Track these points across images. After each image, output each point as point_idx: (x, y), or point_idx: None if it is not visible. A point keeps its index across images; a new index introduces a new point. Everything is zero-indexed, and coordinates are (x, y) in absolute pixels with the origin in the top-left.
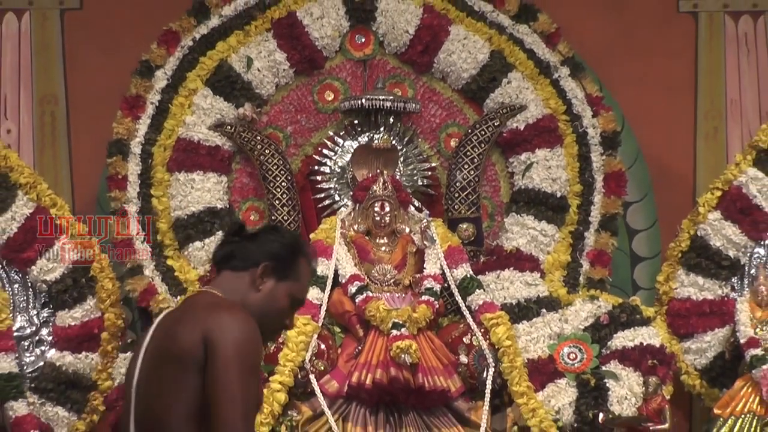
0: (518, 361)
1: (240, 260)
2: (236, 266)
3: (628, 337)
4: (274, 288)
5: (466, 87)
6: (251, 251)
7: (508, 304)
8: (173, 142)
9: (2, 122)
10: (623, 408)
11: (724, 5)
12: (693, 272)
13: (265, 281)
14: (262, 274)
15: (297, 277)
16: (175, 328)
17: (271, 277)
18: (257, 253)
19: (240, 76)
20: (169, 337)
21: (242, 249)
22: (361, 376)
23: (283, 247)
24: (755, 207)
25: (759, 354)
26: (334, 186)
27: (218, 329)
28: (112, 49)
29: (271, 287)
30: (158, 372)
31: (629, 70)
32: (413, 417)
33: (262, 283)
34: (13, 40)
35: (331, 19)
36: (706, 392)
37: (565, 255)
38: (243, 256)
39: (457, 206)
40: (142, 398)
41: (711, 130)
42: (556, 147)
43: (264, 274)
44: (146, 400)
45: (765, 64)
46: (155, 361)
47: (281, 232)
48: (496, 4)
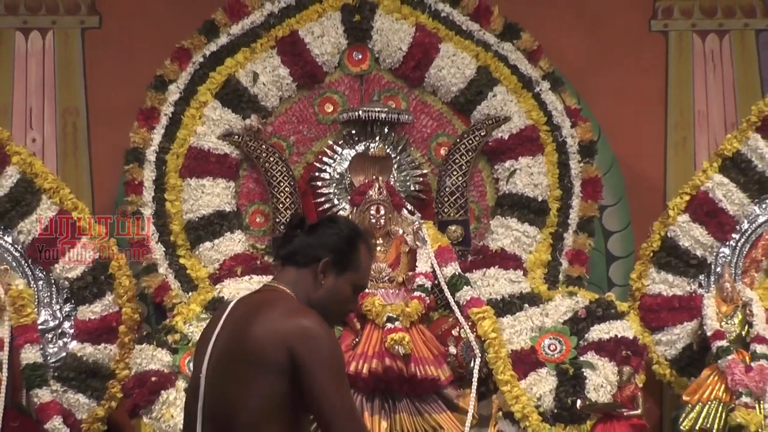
0: (503, 352)
1: (301, 256)
2: (298, 262)
3: (603, 330)
4: (336, 281)
5: (455, 100)
6: (311, 246)
7: (493, 299)
8: (185, 151)
9: (28, 132)
10: (599, 395)
11: (692, 25)
12: (664, 270)
13: (326, 276)
14: (322, 270)
15: (357, 267)
16: (249, 329)
17: (331, 271)
18: (317, 248)
19: (247, 90)
20: (244, 335)
21: (303, 244)
22: (358, 366)
23: (340, 240)
24: (721, 210)
25: (724, 345)
26: (333, 191)
27: (302, 341)
28: (128, 65)
29: (333, 281)
30: (231, 368)
31: (605, 84)
32: (406, 403)
33: (323, 278)
34: (38, 57)
35: (330, 37)
36: (676, 381)
37: (546, 254)
38: (304, 252)
39: (446, 210)
40: (213, 391)
41: (680, 140)
42: (538, 155)
43: (324, 270)
44: (217, 394)
45: (730, 78)
46: (228, 357)
47: (338, 224)
48: (482, 24)
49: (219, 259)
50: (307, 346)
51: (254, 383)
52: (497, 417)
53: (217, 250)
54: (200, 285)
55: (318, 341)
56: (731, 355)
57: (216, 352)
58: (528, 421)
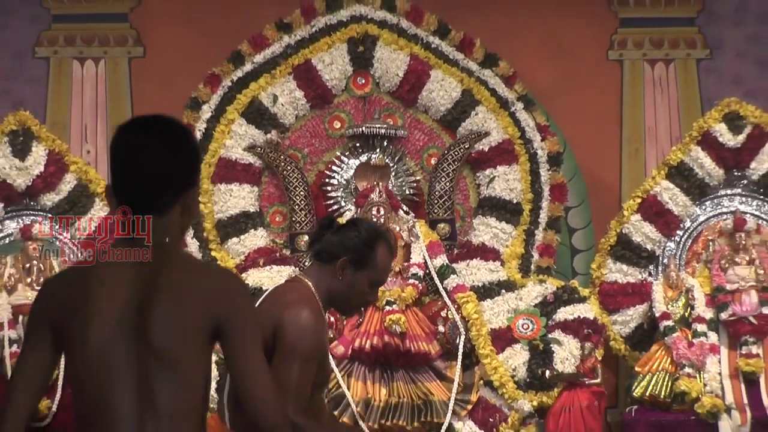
0: (483, 330)
1: (325, 254)
2: (323, 259)
3: (568, 311)
4: (353, 277)
5: (443, 117)
6: (334, 246)
7: (475, 286)
8: (216, 160)
9: (83, 145)
10: (565, 366)
11: (643, 54)
12: (619, 261)
13: (345, 273)
14: (341, 268)
15: (374, 265)
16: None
17: (349, 269)
18: (338, 248)
19: (268, 110)
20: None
21: (327, 244)
22: (361, 342)
23: (360, 242)
24: (667, 211)
25: (670, 325)
26: (340, 194)
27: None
28: (167, 88)
29: (351, 277)
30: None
31: (569, 104)
32: (402, 374)
33: (342, 275)
34: (92, 81)
35: (338, 65)
36: (629, 354)
37: (520, 248)
38: (327, 251)
39: (436, 210)
40: None
41: (633, 151)
42: (513, 164)
43: (343, 267)
44: None
45: (675, 100)
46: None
47: (359, 228)
48: (466, 54)
49: (244, 252)
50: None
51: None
52: (479, 385)
53: (243, 244)
54: None
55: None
56: (676, 333)
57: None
58: (505, 389)
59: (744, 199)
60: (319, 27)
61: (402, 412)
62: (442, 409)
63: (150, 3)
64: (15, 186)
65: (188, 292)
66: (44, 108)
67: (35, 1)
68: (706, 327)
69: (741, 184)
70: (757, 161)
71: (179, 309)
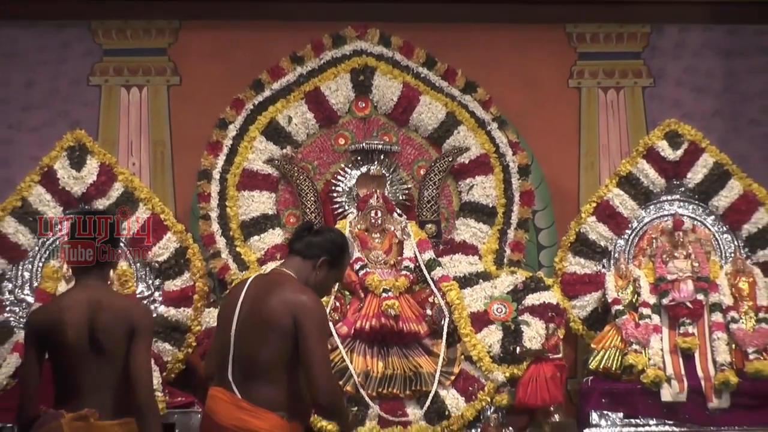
0: (464, 314)
1: (307, 250)
2: (304, 255)
3: (535, 298)
4: (327, 273)
5: (431, 135)
6: (315, 246)
7: (457, 276)
8: (240, 171)
9: (129, 158)
10: (532, 344)
11: (598, 83)
12: (578, 256)
13: (322, 270)
14: (320, 266)
15: (341, 266)
16: (265, 299)
17: (325, 267)
18: (319, 248)
19: (284, 129)
20: (262, 304)
21: (309, 243)
22: (362, 323)
23: (335, 247)
24: (618, 214)
25: (620, 309)
26: (344, 200)
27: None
28: (200, 111)
29: (325, 273)
30: (253, 329)
31: (536, 125)
32: (396, 350)
33: (320, 271)
34: (136, 105)
35: (342, 91)
36: (586, 333)
37: (495, 245)
38: (309, 249)
39: (424, 213)
40: (240, 344)
41: (589, 164)
42: (489, 174)
43: (322, 265)
44: (243, 346)
45: (624, 121)
46: (250, 319)
47: (335, 234)
48: (449, 82)
49: (264, 248)
50: (305, 315)
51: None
52: (460, 359)
53: (263, 241)
54: (251, 266)
55: (313, 313)
56: (625, 315)
57: (241, 317)
58: (482, 362)
59: (682, 203)
60: (326, 59)
61: (396, 382)
62: (429, 379)
63: (185, 40)
64: (72, 193)
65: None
66: (97, 127)
67: (89, 38)
68: (650, 310)
69: (679, 191)
70: (692, 172)
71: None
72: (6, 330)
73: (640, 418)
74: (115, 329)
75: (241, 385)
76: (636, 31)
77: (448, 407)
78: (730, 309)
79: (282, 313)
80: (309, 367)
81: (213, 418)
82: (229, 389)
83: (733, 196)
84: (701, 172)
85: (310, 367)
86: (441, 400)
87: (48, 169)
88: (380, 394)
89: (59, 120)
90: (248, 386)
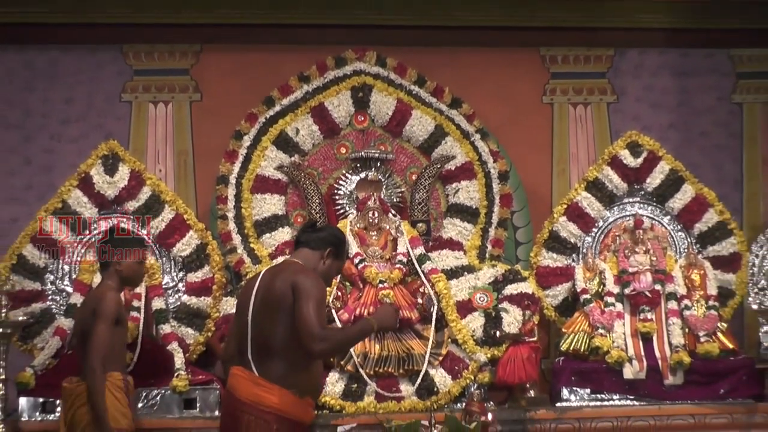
0: (451, 302)
1: (314, 243)
2: (312, 247)
3: (513, 288)
4: (332, 264)
5: (421, 145)
6: (321, 240)
7: (445, 269)
8: (254, 177)
9: (156, 165)
10: (511, 328)
11: (568, 99)
12: (551, 251)
13: (329, 259)
14: (327, 255)
15: (343, 257)
16: (274, 282)
17: (331, 257)
18: (324, 241)
19: (292, 139)
20: (271, 287)
21: (315, 237)
22: (361, 310)
23: (338, 240)
24: (586, 214)
25: (588, 297)
26: (345, 202)
27: (298, 282)
28: (219, 123)
29: (330, 263)
30: (265, 309)
31: (514, 136)
32: (391, 334)
33: (326, 260)
34: (163, 119)
35: (344, 106)
36: (558, 319)
37: (478, 241)
38: (316, 242)
39: (416, 213)
40: (256, 324)
41: (560, 171)
42: (473, 179)
43: (329, 255)
44: (258, 326)
45: (591, 132)
46: (263, 301)
47: (335, 230)
48: (438, 98)
49: (274, 245)
50: (299, 284)
51: (279, 319)
52: (447, 342)
53: (273, 238)
54: (263, 260)
55: (305, 281)
56: (592, 303)
57: (256, 303)
58: (466, 345)
59: (642, 205)
60: (329, 78)
61: (391, 362)
62: (420, 359)
63: (205, 61)
64: (106, 195)
65: None
66: (128, 138)
67: (121, 60)
68: (614, 299)
69: (639, 195)
70: (651, 177)
71: None
72: (48, 316)
73: (605, 394)
74: (85, 314)
75: (259, 363)
76: (601, 54)
77: (437, 384)
78: (683, 298)
79: (284, 290)
80: (299, 321)
81: (234, 394)
82: (248, 368)
83: (687, 198)
84: (658, 177)
85: (300, 321)
86: (430, 378)
87: (85, 175)
88: (377, 373)
89: (95, 132)
90: (265, 365)
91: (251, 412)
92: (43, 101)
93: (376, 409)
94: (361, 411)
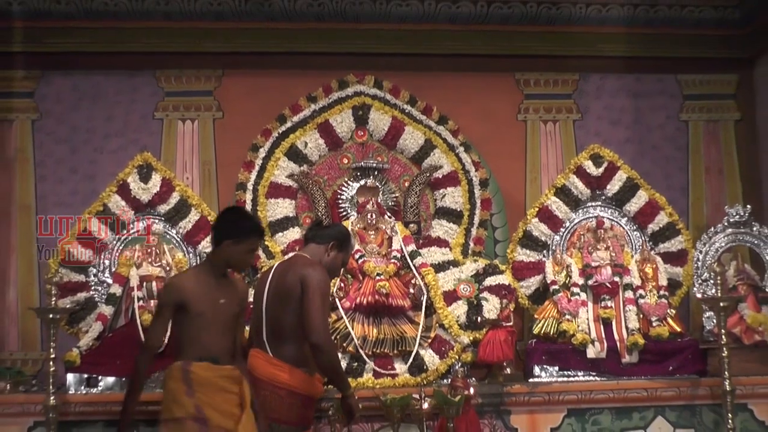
0: (438, 292)
1: (320, 239)
2: (319, 241)
3: (492, 280)
4: (336, 256)
5: (413, 156)
6: (327, 235)
7: (433, 263)
8: (268, 184)
9: (184, 173)
10: (490, 315)
11: (540, 117)
12: (525, 248)
13: (332, 251)
14: (331, 248)
15: (347, 251)
16: (285, 275)
17: (335, 250)
18: (330, 236)
19: (301, 151)
20: (283, 279)
21: (320, 233)
22: (360, 300)
23: (341, 234)
24: (555, 216)
25: (556, 288)
26: (347, 205)
27: (306, 276)
28: (238, 138)
29: (335, 255)
30: (277, 299)
31: (493, 149)
32: (387, 319)
33: (331, 252)
34: (189, 134)
35: (346, 123)
36: (530, 307)
37: (462, 240)
38: (322, 237)
39: (408, 215)
40: (270, 311)
41: (533, 179)
42: (457, 186)
43: (332, 248)
44: (272, 313)
45: (559, 146)
46: (276, 292)
47: (340, 226)
48: (427, 116)
49: (286, 242)
50: (307, 278)
51: (290, 306)
52: (436, 326)
53: (285, 237)
54: (276, 255)
55: (313, 276)
56: (560, 293)
57: (270, 292)
58: (452, 329)
59: (603, 208)
60: (333, 99)
61: (386, 344)
62: (412, 342)
63: (227, 84)
64: (141, 200)
65: None
66: (160, 151)
67: (154, 83)
68: (579, 289)
69: (601, 199)
70: (610, 185)
71: None
72: (92, 304)
73: (571, 371)
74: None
75: (273, 345)
76: (568, 78)
77: (426, 363)
78: (638, 288)
79: (295, 282)
80: (305, 312)
81: (253, 372)
82: (264, 349)
83: (641, 203)
84: (617, 184)
85: (305, 312)
86: (421, 357)
87: (123, 182)
88: (374, 353)
89: (131, 145)
90: (278, 346)
91: (267, 388)
92: (88, 119)
93: (373, 384)
94: (361, 386)
